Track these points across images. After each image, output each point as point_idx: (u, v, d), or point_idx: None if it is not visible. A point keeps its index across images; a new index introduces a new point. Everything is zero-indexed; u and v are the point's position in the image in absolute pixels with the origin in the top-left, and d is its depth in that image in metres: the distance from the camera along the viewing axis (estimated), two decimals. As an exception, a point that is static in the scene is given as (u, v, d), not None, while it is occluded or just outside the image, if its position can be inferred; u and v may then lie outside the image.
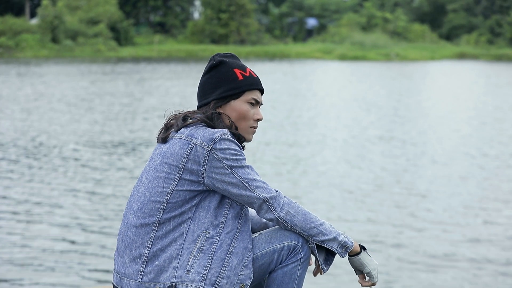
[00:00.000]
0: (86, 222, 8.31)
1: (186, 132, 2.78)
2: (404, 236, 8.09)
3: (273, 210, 2.76)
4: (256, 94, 2.91)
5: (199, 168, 2.72)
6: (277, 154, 13.08)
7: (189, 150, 2.73)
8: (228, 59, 2.91)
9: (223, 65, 2.89)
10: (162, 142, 2.85)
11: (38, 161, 11.95)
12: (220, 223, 2.75)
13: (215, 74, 2.89)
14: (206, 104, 2.88)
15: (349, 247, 2.87)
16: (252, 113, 2.90)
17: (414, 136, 15.53)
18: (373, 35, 57.84)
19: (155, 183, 2.76)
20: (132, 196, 2.86)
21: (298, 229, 2.80)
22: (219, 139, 2.73)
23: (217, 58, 2.91)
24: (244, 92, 2.88)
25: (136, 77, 30.12)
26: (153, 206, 2.76)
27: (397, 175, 11.39)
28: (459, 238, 8.06)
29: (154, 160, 2.82)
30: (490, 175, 11.54)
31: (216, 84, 2.87)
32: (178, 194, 2.74)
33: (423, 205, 9.47)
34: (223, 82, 2.87)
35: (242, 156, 2.76)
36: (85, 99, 21.40)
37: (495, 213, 9.15)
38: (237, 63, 2.91)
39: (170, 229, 2.73)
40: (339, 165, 12.20)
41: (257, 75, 2.94)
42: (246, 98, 2.89)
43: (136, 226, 2.77)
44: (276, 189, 2.80)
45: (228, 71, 2.88)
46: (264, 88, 2.98)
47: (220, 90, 2.86)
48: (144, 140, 14.25)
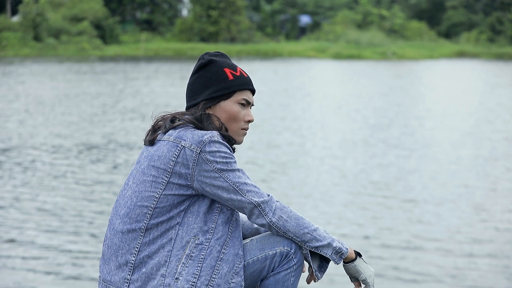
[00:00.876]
0: (67, 227, 8.30)
1: (174, 134, 2.78)
2: (402, 244, 8.11)
3: (265, 215, 2.76)
4: (247, 94, 2.92)
5: (188, 171, 2.72)
6: (262, 157, 13.08)
7: (177, 153, 2.73)
8: (218, 58, 2.92)
9: (213, 64, 2.90)
10: (149, 144, 2.85)
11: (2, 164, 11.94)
12: (210, 229, 2.76)
13: (204, 74, 2.89)
14: (195, 105, 2.88)
15: (344, 254, 2.87)
16: (243, 114, 2.90)
17: (408, 141, 15.55)
18: (369, 33, 57.94)
19: (142, 187, 2.77)
20: (118, 200, 2.85)
21: (291, 234, 2.80)
22: (208, 141, 2.73)
23: (207, 57, 2.91)
24: (234, 93, 2.88)
25: (120, 76, 30.06)
26: (140, 211, 2.76)
27: (391, 180, 11.41)
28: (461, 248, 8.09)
29: (141, 163, 2.82)
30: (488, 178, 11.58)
31: (206, 84, 2.88)
32: (166, 199, 2.74)
33: (420, 212, 9.50)
34: (213, 82, 2.87)
35: (232, 159, 2.77)
36: (63, 100, 21.32)
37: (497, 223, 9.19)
38: (227, 62, 2.92)
39: (158, 235, 2.73)
40: (328, 171, 12.22)
41: (248, 75, 2.95)
42: (236, 99, 2.89)
43: (122, 232, 2.77)
44: (268, 193, 2.80)
45: (218, 70, 2.88)
46: (255, 88, 2.98)
47: (210, 90, 2.87)
48: (122, 143, 14.18)
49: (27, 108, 19.33)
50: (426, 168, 12.38)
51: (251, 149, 13.77)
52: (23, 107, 19.59)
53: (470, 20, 69.09)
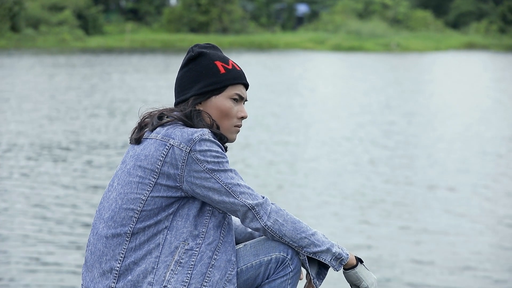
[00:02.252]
0: (45, 233, 8.29)
1: (162, 132, 2.79)
2: (404, 249, 8.13)
3: (259, 218, 2.77)
4: (240, 89, 2.93)
5: (177, 172, 2.73)
6: (257, 156, 13.10)
7: (165, 152, 2.73)
8: (209, 50, 2.92)
9: (203, 57, 2.90)
10: (135, 143, 2.85)
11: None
12: (201, 233, 2.76)
13: (194, 67, 2.90)
14: (184, 101, 2.89)
15: (344, 260, 2.87)
16: (235, 110, 2.91)
17: (413, 140, 15.58)
18: (371, 23, 58.00)
19: (128, 188, 2.77)
20: (102, 203, 2.85)
21: (287, 239, 2.80)
22: (199, 140, 2.73)
23: (196, 49, 2.92)
24: (226, 87, 2.89)
25: (98, 70, 29.96)
26: (125, 215, 2.76)
27: (394, 178, 11.44)
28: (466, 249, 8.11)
29: (126, 163, 2.83)
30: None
31: (195, 78, 2.88)
32: (153, 201, 2.74)
33: (424, 215, 9.52)
34: (203, 76, 2.88)
35: (224, 159, 2.77)
36: (37, 95, 21.23)
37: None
38: (219, 55, 2.92)
39: (145, 240, 2.74)
40: (325, 172, 12.24)
41: (241, 68, 2.95)
42: (228, 94, 2.90)
43: (107, 236, 2.77)
44: (262, 195, 2.81)
45: (208, 63, 2.89)
46: (249, 82, 2.99)
47: (200, 85, 2.88)
48: (83, 142, 14.12)
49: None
50: (433, 177, 12.42)
51: (245, 149, 13.79)
52: (5, 103, 19.52)
53: (480, 9, 69.19)
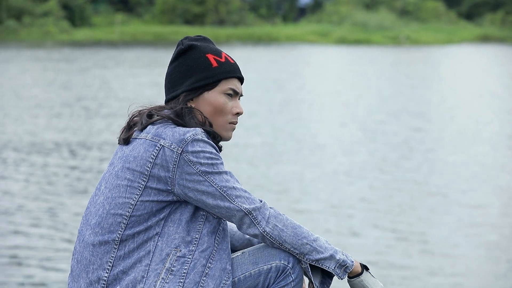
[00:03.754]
0: (27, 240, 8.31)
1: (152, 132, 2.79)
2: (413, 255, 8.16)
3: (257, 224, 2.77)
4: (234, 83, 2.92)
5: (168, 174, 2.73)
6: (251, 157, 13.12)
7: (155, 153, 2.74)
8: (200, 43, 2.92)
9: (194, 50, 2.90)
10: (124, 143, 2.85)
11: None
12: (194, 240, 2.76)
13: (184, 62, 2.90)
14: (175, 98, 2.89)
15: (349, 267, 2.87)
16: (230, 106, 2.91)
17: (423, 142, 15.60)
18: (378, 15, 57.94)
19: (116, 192, 2.77)
20: (88, 208, 2.85)
21: (287, 246, 2.80)
22: (191, 140, 2.74)
23: (186, 42, 2.92)
24: (219, 82, 2.89)
25: (82, 64, 29.85)
26: (113, 220, 2.76)
27: (401, 181, 11.47)
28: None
29: (114, 165, 2.82)
30: None
31: (186, 73, 2.89)
32: (143, 206, 2.74)
33: (432, 221, 9.56)
34: (194, 71, 2.88)
35: (219, 160, 2.77)
36: (9, 92, 21.19)
37: None
38: (211, 47, 2.93)
39: (134, 247, 2.74)
40: (324, 177, 12.26)
41: (235, 61, 2.96)
42: (222, 89, 2.90)
43: (94, 244, 2.77)
44: (260, 199, 2.80)
45: (199, 57, 2.89)
46: (244, 76, 2.99)
47: (191, 80, 2.88)
48: (54, 143, 14.12)
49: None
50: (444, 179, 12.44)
51: (236, 147, 13.80)
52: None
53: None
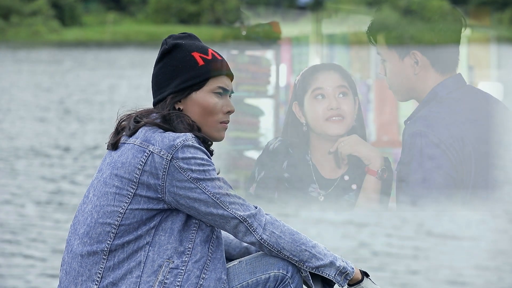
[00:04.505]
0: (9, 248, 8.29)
1: (140, 137, 2.79)
2: (418, 260, 8.14)
3: (253, 231, 2.78)
4: (222, 81, 2.91)
5: (158, 182, 2.73)
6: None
7: (144, 160, 2.74)
8: (185, 41, 2.92)
9: (178, 49, 2.90)
10: (112, 148, 2.85)
11: None
12: (187, 250, 2.76)
13: (169, 62, 2.90)
14: (162, 100, 2.88)
15: (350, 274, 2.87)
16: (220, 105, 2.90)
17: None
18: (381, 14, 58.06)
19: (104, 200, 2.76)
20: (76, 217, 2.85)
21: (286, 253, 2.81)
22: (181, 146, 2.73)
23: (170, 42, 2.92)
24: (207, 81, 2.88)
25: (65, 66, 29.82)
26: (102, 230, 2.76)
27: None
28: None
29: (103, 171, 2.82)
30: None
31: (172, 74, 2.88)
32: (132, 214, 2.74)
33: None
34: (180, 71, 2.87)
35: (210, 166, 2.77)
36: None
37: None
38: (196, 45, 2.92)
39: (124, 257, 2.74)
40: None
41: (223, 57, 2.94)
42: (210, 88, 2.89)
43: (82, 254, 2.77)
44: (255, 205, 2.81)
45: (184, 56, 2.89)
46: (233, 73, 2.97)
47: (177, 81, 2.87)
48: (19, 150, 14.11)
49: None
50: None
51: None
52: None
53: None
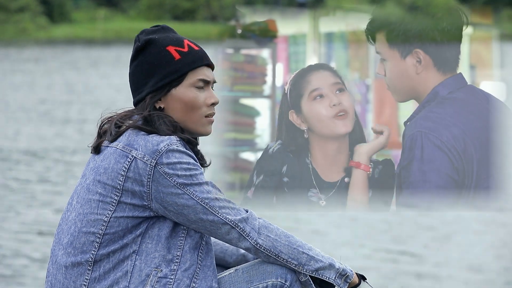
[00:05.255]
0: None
1: (123, 140, 2.77)
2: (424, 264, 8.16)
3: (247, 236, 2.77)
4: (202, 72, 2.89)
5: (143, 189, 2.72)
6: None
7: (127, 165, 2.73)
8: (158, 35, 2.89)
9: (152, 45, 2.87)
10: (95, 152, 2.84)
11: None
12: (175, 258, 2.76)
13: (144, 59, 2.87)
14: (142, 100, 2.86)
15: (350, 277, 2.86)
16: (202, 98, 2.87)
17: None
18: (385, 10, 58.09)
19: (87, 208, 2.76)
20: (60, 225, 2.84)
21: (284, 256, 2.80)
22: (165, 151, 2.72)
23: (143, 38, 2.89)
24: (185, 75, 2.86)
25: (57, 65, 29.79)
26: (85, 239, 2.75)
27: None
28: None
29: (86, 176, 2.82)
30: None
31: (148, 72, 2.86)
32: (117, 222, 2.73)
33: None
34: (156, 68, 2.85)
35: (198, 170, 2.76)
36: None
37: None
38: (170, 38, 2.89)
39: (110, 267, 2.74)
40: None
41: (200, 47, 2.91)
42: (190, 82, 2.87)
43: (66, 266, 2.77)
44: (245, 209, 2.80)
45: (159, 51, 2.86)
46: (213, 62, 2.94)
47: (154, 79, 2.85)
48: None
49: None
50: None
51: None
52: None
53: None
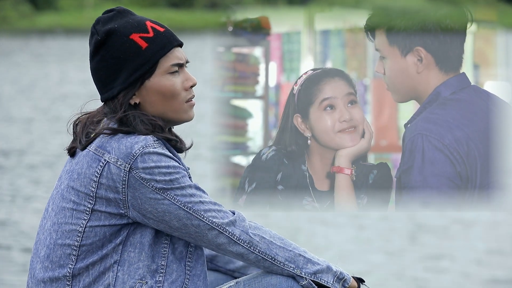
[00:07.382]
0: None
1: (95, 142, 2.74)
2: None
3: (238, 239, 2.74)
4: (174, 55, 2.85)
5: (118, 196, 2.70)
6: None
7: (99, 170, 2.71)
8: (117, 23, 2.82)
9: (113, 36, 2.81)
10: (70, 155, 2.83)
11: None
12: (160, 268, 2.76)
13: (107, 54, 2.82)
14: (112, 98, 2.82)
15: (347, 280, 2.86)
16: (180, 83, 2.85)
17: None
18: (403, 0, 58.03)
19: (62, 217, 2.75)
20: (38, 234, 2.83)
21: (281, 259, 2.77)
22: (140, 154, 2.70)
23: (101, 29, 2.82)
24: (157, 63, 2.82)
25: (15, 58, 29.82)
26: (62, 252, 2.74)
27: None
28: None
29: (62, 181, 2.80)
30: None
31: (115, 68, 2.81)
32: (93, 232, 2.72)
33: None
34: (123, 62, 2.80)
35: (179, 174, 2.73)
36: None
37: None
38: (131, 23, 2.83)
39: (90, 281, 2.74)
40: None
41: (165, 27, 2.88)
42: (163, 69, 2.83)
43: (44, 281, 2.78)
44: (232, 210, 2.77)
45: (123, 42, 2.80)
46: (182, 40, 2.91)
47: (124, 74, 2.80)
48: None
49: None
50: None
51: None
52: None
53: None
